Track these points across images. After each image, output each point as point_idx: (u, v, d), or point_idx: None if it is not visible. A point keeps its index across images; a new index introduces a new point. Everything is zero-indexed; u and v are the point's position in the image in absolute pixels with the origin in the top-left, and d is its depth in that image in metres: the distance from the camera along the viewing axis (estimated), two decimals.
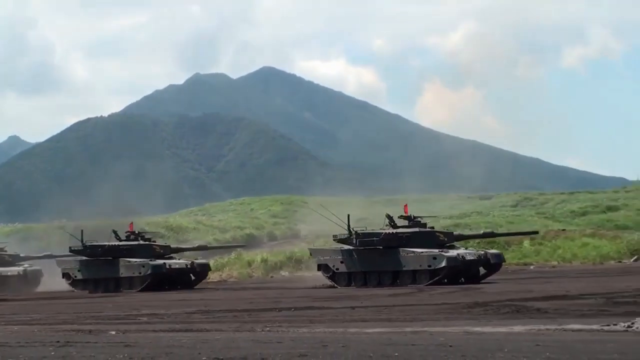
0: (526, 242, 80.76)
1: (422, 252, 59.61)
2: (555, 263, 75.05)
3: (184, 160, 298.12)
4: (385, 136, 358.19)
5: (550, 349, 21.19)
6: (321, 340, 25.04)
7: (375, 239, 60.56)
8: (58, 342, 25.14)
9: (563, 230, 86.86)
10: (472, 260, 59.57)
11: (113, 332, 29.41)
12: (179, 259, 66.08)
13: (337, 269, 61.98)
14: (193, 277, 65.52)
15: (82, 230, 67.17)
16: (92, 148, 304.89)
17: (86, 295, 61.39)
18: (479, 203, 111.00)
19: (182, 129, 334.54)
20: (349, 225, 62.04)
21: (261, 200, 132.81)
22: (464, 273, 60.44)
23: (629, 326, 25.88)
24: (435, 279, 58.37)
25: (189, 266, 65.02)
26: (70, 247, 66.86)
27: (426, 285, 57.40)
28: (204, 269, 66.55)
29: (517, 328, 27.13)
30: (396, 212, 65.43)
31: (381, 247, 60.63)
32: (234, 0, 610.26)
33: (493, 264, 61.18)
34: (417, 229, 61.65)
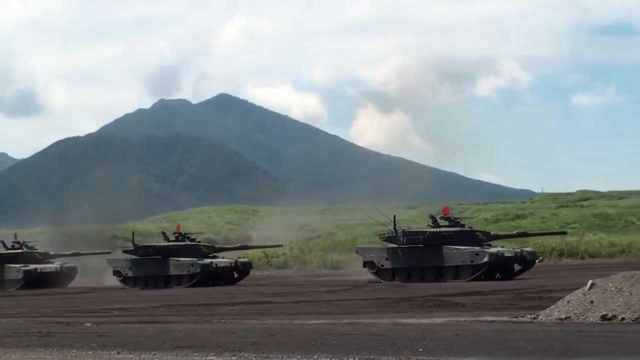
0: None
1: (464, 249, 58.24)
2: None
3: (151, 174, 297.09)
4: (325, 154, 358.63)
5: (466, 338, 21.34)
6: (269, 330, 25.06)
7: (420, 237, 59.08)
8: (40, 332, 25.16)
9: None
10: (510, 257, 58.08)
11: (88, 324, 29.31)
12: (222, 258, 64.14)
13: (382, 266, 60.31)
14: (236, 275, 63.72)
15: (133, 232, 66.36)
16: (71, 163, 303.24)
17: (69, 291, 60.40)
18: (406, 212, 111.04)
19: (149, 147, 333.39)
20: (394, 225, 60.20)
21: (218, 209, 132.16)
22: (500, 269, 59.08)
23: (534, 318, 26.11)
24: (476, 274, 56.89)
25: (233, 264, 63.36)
26: (122, 248, 66.02)
27: (468, 280, 55.99)
28: (247, 267, 64.66)
29: (438, 320, 27.26)
30: (338, 219, 65.26)
31: (425, 245, 58.86)
32: (194, 35, 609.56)
33: (528, 261, 59.49)
34: (458, 229, 60.34)
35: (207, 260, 61.84)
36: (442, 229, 59.61)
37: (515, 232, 65.94)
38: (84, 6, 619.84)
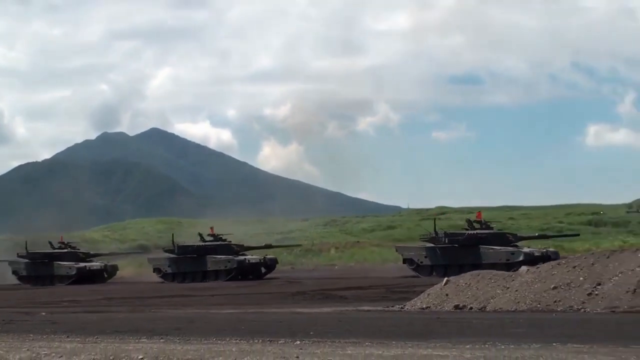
0: (332, 249, 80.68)
1: (500, 248, 55.67)
2: (352, 264, 74.89)
3: (96, 193, 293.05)
4: (237, 177, 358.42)
5: (348, 324, 21.44)
6: (190, 318, 24.96)
7: (460, 237, 56.56)
8: (3, 320, 24.69)
9: (358, 242, 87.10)
10: (539, 256, 53.79)
11: (43, 313, 28.92)
12: (252, 255, 61.42)
13: (421, 262, 57.25)
14: (264, 270, 60.53)
15: (172, 234, 64.67)
16: (31, 183, 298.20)
17: (29, 287, 59.00)
18: (300, 223, 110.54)
19: (94, 170, 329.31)
20: (435, 227, 57.86)
21: (150, 220, 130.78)
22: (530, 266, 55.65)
23: (401, 308, 26.22)
24: (514, 269, 53.31)
25: (261, 261, 60.44)
26: (163, 248, 64.57)
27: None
28: (273, 262, 61.45)
29: (326, 309, 27.32)
30: (247, 228, 64.51)
31: (463, 245, 55.96)
32: (131, 80, 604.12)
33: (552, 259, 55.63)
34: (492, 231, 57.71)
35: (242, 257, 60.00)
36: (479, 231, 57.16)
37: (537, 234, 62.63)
38: (41, 56, 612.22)
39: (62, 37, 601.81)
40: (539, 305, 23.47)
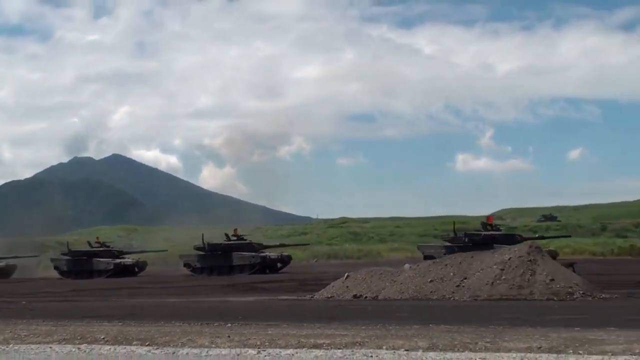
0: None
1: (510, 247, 53.32)
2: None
3: (68, 205, 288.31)
4: (182, 193, 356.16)
5: (269, 309, 21.50)
6: (142, 305, 24.73)
7: (477, 237, 53.27)
8: None
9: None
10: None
11: (24, 302, 28.44)
12: (269, 252, 58.29)
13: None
14: (280, 265, 57.22)
15: (202, 234, 60.67)
16: (14, 197, 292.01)
17: (12, 280, 56.98)
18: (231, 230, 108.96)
19: (66, 187, 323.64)
20: (454, 229, 55.53)
21: (112, 228, 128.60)
22: None
23: (311, 297, 26.30)
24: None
25: (279, 257, 57.43)
26: (194, 246, 62.11)
27: None
28: (288, 259, 58.03)
29: (251, 299, 27.28)
30: (191, 235, 63.61)
31: (479, 244, 50.61)
32: (96, 115, 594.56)
33: (554, 257, 53.44)
34: (502, 232, 55.30)
35: (264, 253, 57.46)
36: (492, 232, 54.26)
37: (537, 235, 58.39)
38: (24, 95, 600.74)
39: (41, 80, 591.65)
40: (418, 295, 23.78)
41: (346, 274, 28.00)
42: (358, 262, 61.96)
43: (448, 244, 54.28)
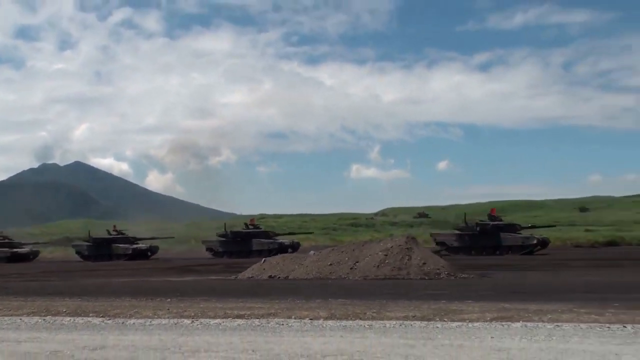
0: (192, 241, 77.75)
1: (517, 234, 50.03)
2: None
3: (37, 202, 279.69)
4: (131, 193, 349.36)
5: (201, 288, 21.19)
6: (99, 284, 24.13)
7: (487, 226, 50.45)
8: None
9: None
10: (540, 239, 48.96)
11: None
12: (279, 239, 56.00)
13: (452, 245, 51.15)
14: (290, 250, 52.66)
15: (225, 223, 59.46)
16: None
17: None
18: (173, 224, 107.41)
19: (37, 187, 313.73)
20: (465, 219, 52.56)
21: (73, 221, 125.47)
22: (536, 247, 49.16)
23: (235, 277, 26.08)
24: (525, 252, 47.57)
25: (291, 243, 54.72)
26: (217, 233, 58.29)
27: (520, 254, 46.22)
28: (297, 245, 55.00)
29: (188, 278, 26.90)
30: (144, 228, 62.21)
31: (488, 233, 50.08)
32: (61, 130, 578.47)
33: (546, 243, 49.86)
34: (504, 222, 51.87)
35: (279, 240, 55.40)
36: (497, 222, 51.44)
37: (529, 225, 54.74)
38: (1, 113, 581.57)
39: (15, 100, 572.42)
40: (320, 275, 23.83)
41: (263, 259, 27.92)
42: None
43: (458, 232, 52.19)
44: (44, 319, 12.84)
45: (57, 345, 9.39)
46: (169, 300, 16.20)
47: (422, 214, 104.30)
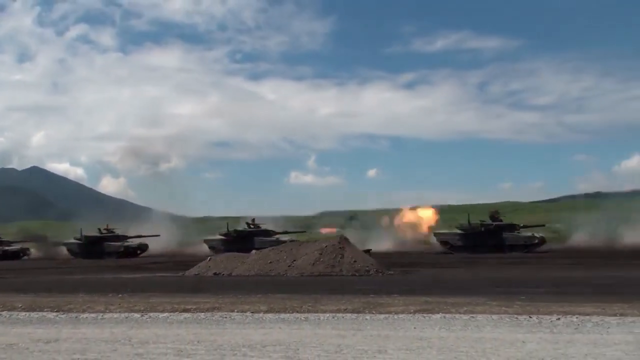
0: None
1: (519, 233, 48.56)
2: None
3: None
4: (86, 196, 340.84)
5: (151, 284, 20.85)
6: (58, 281, 23.46)
7: (490, 226, 49.10)
8: None
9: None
10: (541, 238, 47.99)
11: None
12: (280, 237, 53.48)
13: (455, 244, 49.44)
14: None
15: (227, 223, 57.31)
16: None
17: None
18: (127, 224, 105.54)
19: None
20: (468, 220, 50.14)
21: (31, 222, 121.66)
22: (536, 246, 47.80)
23: (182, 274, 25.69)
24: (526, 250, 46.35)
25: (290, 241, 53.57)
26: (218, 232, 56.42)
27: (523, 252, 44.95)
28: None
29: (138, 275, 26.42)
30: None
31: (491, 232, 48.70)
32: (20, 136, 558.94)
33: (545, 241, 48.61)
34: (505, 223, 50.01)
35: (279, 237, 53.16)
36: (499, 223, 49.93)
37: (522, 225, 51.56)
38: None
39: None
40: (261, 272, 23.71)
41: (209, 257, 27.63)
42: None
43: (461, 231, 50.80)
44: (0, 314, 12.40)
45: (13, 339, 9.08)
46: (121, 295, 15.85)
47: (354, 217, 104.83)
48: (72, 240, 59.17)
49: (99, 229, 59.30)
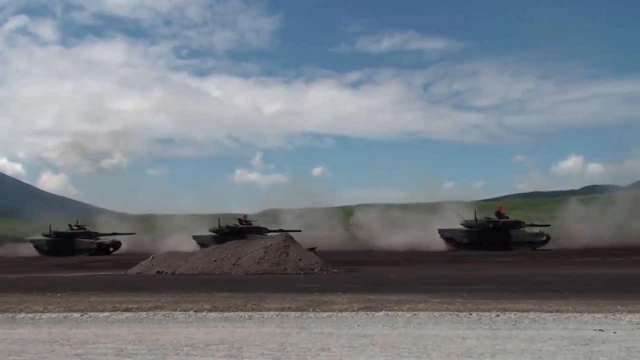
0: None
1: (526, 230, 48.33)
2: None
3: None
4: (25, 193, 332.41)
5: (92, 283, 20.41)
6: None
7: (498, 223, 48.74)
8: None
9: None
10: (548, 235, 47.86)
11: None
12: (272, 234, 51.35)
13: (460, 241, 49.23)
14: None
15: (219, 218, 55.95)
16: None
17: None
18: (62, 222, 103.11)
19: None
20: (475, 216, 49.96)
21: None
22: (542, 243, 47.79)
23: (125, 273, 25.27)
24: (534, 247, 46.34)
25: (286, 237, 51.13)
26: (209, 229, 55.09)
27: (530, 249, 45.08)
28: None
29: (79, 274, 25.87)
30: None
31: (498, 228, 48.42)
32: None
33: (548, 239, 48.32)
34: (512, 219, 49.76)
35: (271, 234, 50.28)
36: (505, 220, 49.66)
37: (529, 223, 51.07)
38: None
39: None
40: (205, 271, 23.54)
41: (152, 255, 27.26)
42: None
43: (467, 228, 50.43)
44: None
45: None
46: (60, 295, 15.48)
47: (299, 215, 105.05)
48: (40, 237, 57.13)
49: (69, 225, 57.34)
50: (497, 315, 10.12)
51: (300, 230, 54.09)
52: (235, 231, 54.33)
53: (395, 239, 54.17)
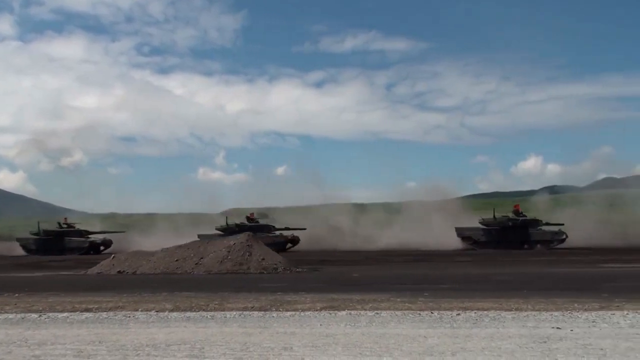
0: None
1: (546, 229, 47.19)
2: None
3: None
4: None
5: (51, 283, 20.11)
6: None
7: (517, 221, 47.77)
8: None
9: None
10: (565, 234, 46.68)
11: None
12: (280, 233, 51.67)
13: (478, 240, 48.08)
14: (290, 245, 50.06)
15: (226, 217, 54.72)
16: None
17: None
18: (23, 220, 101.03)
19: None
20: (494, 214, 48.78)
21: None
22: (559, 241, 46.72)
23: (85, 272, 24.89)
24: (552, 245, 45.39)
25: (291, 237, 50.60)
26: (215, 227, 53.04)
27: (548, 248, 44.29)
28: (297, 239, 50.85)
29: (38, 274, 25.37)
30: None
31: (517, 227, 47.36)
32: None
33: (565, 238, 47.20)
34: (529, 218, 48.51)
35: (280, 232, 51.20)
36: (524, 218, 48.59)
37: (544, 222, 49.32)
38: None
39: None
40: (167, 270, 23.34)
41: (112, 255, 26.91)
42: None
43: (485, 227, 49.69)
44: None
45: None
46: (17, 295, 15.19)
47: (263, 214, 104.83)
48: (28, 236, 55.20)
49: (59, 223, 55.56)
50: (458, 314, 10.24)
51: (305, 229, 53.93)
52: (245, 229, 53.80)
53: (358, 239, 54.31)
